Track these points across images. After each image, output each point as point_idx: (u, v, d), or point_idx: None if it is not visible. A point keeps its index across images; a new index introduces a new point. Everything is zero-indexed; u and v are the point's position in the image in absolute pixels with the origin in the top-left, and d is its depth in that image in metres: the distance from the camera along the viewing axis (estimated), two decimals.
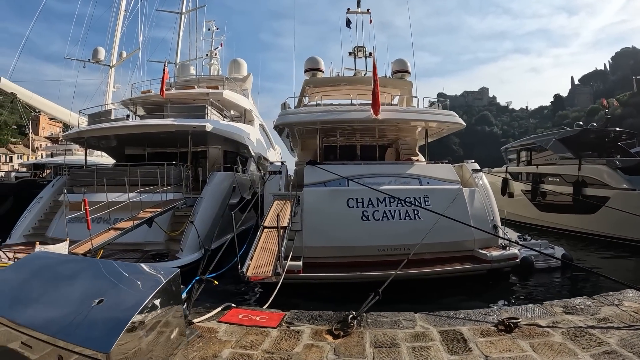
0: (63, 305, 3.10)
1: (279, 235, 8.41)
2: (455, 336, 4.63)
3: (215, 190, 14.35)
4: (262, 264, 7.31)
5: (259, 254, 7.75)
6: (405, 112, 16.00)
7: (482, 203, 11.96)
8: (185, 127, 15.10)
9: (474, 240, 11.06)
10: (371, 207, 11.24)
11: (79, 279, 3.37)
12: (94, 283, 3.34)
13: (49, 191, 16.33)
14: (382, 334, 4.77)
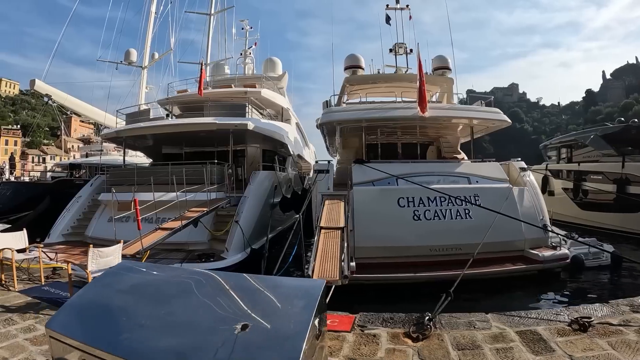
0: (189, 332, 2.28)
1: (340, 237, 8.17)
2: (534, 336, 4.60)
3: (258, 190, 13.86)
4: (327, 266, 6.96)
5: (321, 255, 7.39)
6: (451, 110, 15.30)
7: (532, 202, 11.61)
8: (226, 125, 14.63)
9: (525, 240, 10.76)
10: (422, 206, 10.94)
11: (195, 295, 2.57)
12: (223, 302, 2.48)
13: (87, 190, 16.00)
14: (461, 336, 4.71)
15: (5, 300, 6.94)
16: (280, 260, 9.04)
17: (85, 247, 13.17)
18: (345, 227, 8.92)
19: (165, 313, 2.44)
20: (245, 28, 25.33)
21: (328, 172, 12.83)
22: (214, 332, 2.27)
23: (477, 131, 16.73)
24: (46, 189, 20.08)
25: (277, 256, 15.56)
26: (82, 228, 14.75)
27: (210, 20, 34.42)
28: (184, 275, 2.97)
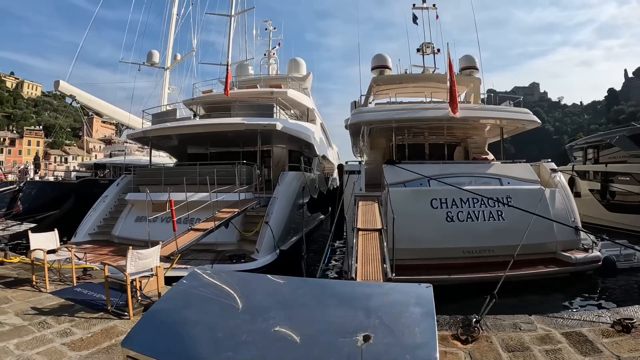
0: (304, 347, 1.94)
1: (379, 238, 8.05)
2: (580, 338, 4.62)
3: (287, 190, 13.59)
4: (369, 268, 6.74)
5: (362, 257, 7.20)
6: (482, 110, 14.97)
7: (564, 204, 11.44)
8: (255, 126, 14.38)
9: (557, 242, 10.59)
10: (455, 207, 10.79)
11: (297, 305, 2.15)
12: (333, 311, 2.11)
13: (113, 190, 15.83)
14: (508, 338, 4.72)
15: (37, 302, 6.64)
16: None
17: (112, 247, 13.08)
18: (383, 228, 8.69)
19: (268, 326, 2.02)
20: (269, 28, 25.03)
21: (359, 173, 12.59)
22: (333, 345, 1.90)
23: (506, 132, 16.40)
24: (71, 188, 19.99)
25: (307, 257, 15.26)
26: (108, 227, 14.58)
27: (231, 22, 34.41)
28: (274, 284, 2.53)
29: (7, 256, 9.72)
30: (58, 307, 6.42)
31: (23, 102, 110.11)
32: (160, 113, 17.32)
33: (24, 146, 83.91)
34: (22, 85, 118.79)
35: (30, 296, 6.95)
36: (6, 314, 6.01)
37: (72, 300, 6.76)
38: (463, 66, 18.62)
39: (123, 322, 5.85)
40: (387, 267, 6.64)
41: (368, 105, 17.45)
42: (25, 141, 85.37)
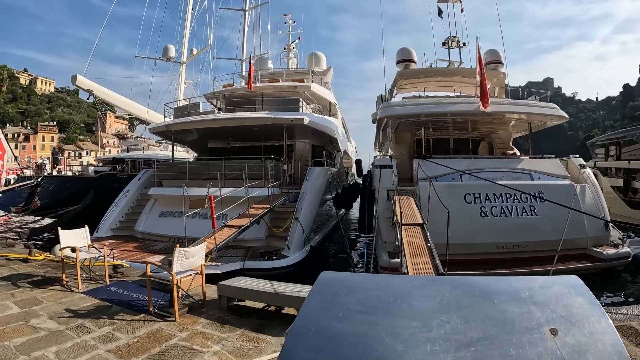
0: (492, 347, 1.64)
1: (422, 233, 7.97)
2: (632, 331, 4.62)
3: (315, 186, 13.04)
4: (419, 263, 6.54)
5: (409, 253, 7.02)
6: (511, 105, 14.50)
7: (594, 199, 11.25)
8: (282, 120, 13.87)
9: (588, 238, 10.39)
10: (488, 202, 10.58)
11: (463, 306, 1.77)
12: (502, 309, 1.84)
13: (135, 185, 15.36)
14: None
15: (71, 303, 6.13)
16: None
17: (136, 242, 12.61)
18: (425, 223, 8.54)
19: (449, 332, 1.74)
20: (288, 22, 24.43)
21: (391, 167, 12.18)
22: (526, 343, 1.69)
23: (533, 127, 16.00)
24: (90, 183, 19.55)
25: (336, 253, 14.72)
26: (130, 223, 14.13)
27: (245, 16, 34.05)
28: (413, 283, 2.11)
29: (31, 253, 9.25)
30: (94, 309, 5.90)
31: (37, 98, 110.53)
32: (182, 107, 16.84)
33: (38, 142, 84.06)
34: (36, 82, 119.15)
35: (62, 297, 6.44)
36: (39, 317, 5.49)
37: (108, 301, 6.24)
38: (488, 60, 17.75)
39: (169, 325, 5.31)
40: (437, 263, 6.46)
41: (392, 100, 16.94)
42: (40, 137, 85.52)
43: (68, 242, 7.03)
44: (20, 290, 6.68)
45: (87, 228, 7.62)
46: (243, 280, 6.24)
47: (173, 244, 12.19)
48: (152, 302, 5.79)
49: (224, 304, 5.95)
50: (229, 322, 5.46)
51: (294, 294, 5.50)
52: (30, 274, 7.84)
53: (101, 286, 7.03)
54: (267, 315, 5.72)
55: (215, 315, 5.71)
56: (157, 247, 11.92)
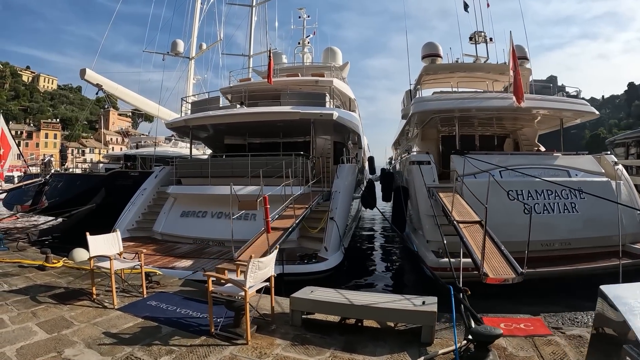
0: None
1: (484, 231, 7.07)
2: None
3: (346, 184, 12.03)
4: (494, 263, 6.11)
5: (479, 252, 6.49)
6: (545, 101, 13.73)
7: (630, 196, 11.03)
8: (310, 115, 12.83)
9: (626, 234, 9.82)
10: (531, 199, 10.21)
11: None
12: None
13: (152, 183, 14.24)
14: None
15: (108, 324, 5.02)
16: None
17: (157, 245, 11.43)
18: (483, 220, 7.73)
19: None
20: (302, 17, 23.34)
21: (429, 164, 11.44)
22: None
23: (556, 125, 15.69)
24: (101, 180, 18.33)
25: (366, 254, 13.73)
26: (147, 223, 13.05)
27: (252, 12, 33.03)
28: None
29: (48, 260, 8.04)
30: (139, 331, 4.80)
31: (39, 95, 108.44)
32: (200, 101, 15.68)
33: (41, 139, 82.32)
34: (39, 79, 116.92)
35: (96, 315, 5.34)
36: (73, 345, 4.38)
37: (153, 319, 5.15)
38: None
39: (242, 350, 4.27)
40: (513, 261, 6.11)
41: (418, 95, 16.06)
42: (43, 134, 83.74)
43: (98, 249, 5.91)
44: (43, 308, 5.56)
45: (118, 233, 6.50)
46: (315, 292, 5.27)
47: (197, 246, 11.26)
48: (213, 322, 4.70)
49: (297, 319, 5.05)
50: (309, 341, 4.55)
51: (380, 305, 4.82)
52: (50, 285, 6.71)
53: (138, 300, 5.94)
54: (348, 330, 4.90)
55: (291, 333, 4.79)
56: (181, 250, 10.83)
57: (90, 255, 5.84)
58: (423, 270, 9.72)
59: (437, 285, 8.35)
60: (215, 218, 11.71)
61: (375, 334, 4.75)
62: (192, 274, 8.12)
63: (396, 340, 4.55)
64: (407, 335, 4.67)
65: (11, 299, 5.89)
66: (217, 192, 11.61)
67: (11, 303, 5.70)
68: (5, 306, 5.58)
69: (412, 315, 4.62)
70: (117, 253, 6.21)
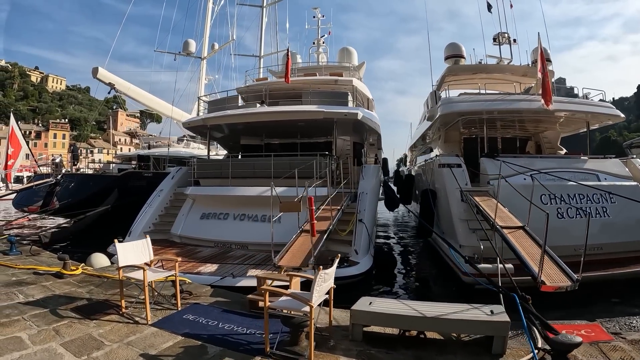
0: None
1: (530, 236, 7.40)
2: None
3: (372, 185, 11.47)
4: (547, 270, 5.90)
5: (529, 258, 6.44)
6: (572, 104, 13.37)
7: None
8: (334, 114, 12.27)
9: None
10: (564, 203, 9.91)
11: None
12: None
13: (169, 183, 13.62)
14: None
15: (145, 343, 4.36)
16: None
17: (177, 248, 10.73)
18: (526, 225, 7.91)
19: None
20: (317, 17, 22.70)
21: (461, 166, 10.99)
22: None
23: (578, 127, 15.43)
24: (114, 181, 17.73)
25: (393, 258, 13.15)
26: (164, 225, 12.44)
27: (263, 12, 32.61)
28: None
29: (66, 266, 7.34)
30: (183, 352, 4.14)
31: (48, 95, 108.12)
32: (218, 100, 15.07)
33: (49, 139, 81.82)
34: (47, 80, 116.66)
35: (128, 332, 4.68)
36: None
37: (196, 337, 4.50)
38: (536, 58, 16.68)
39: None
40: (566, 268, 5.95)
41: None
42: (51, 134, 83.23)
43: (128, 258, 5.26)
44: (66, 324, 4.90)
45: (148, 239, 5.84)
46: (374, 303, 4.78)
47: (220, 250, 10.61)
48: (268, 340, 4.10)
49: (357, 334, 4.57)
50: (376, 357, 4.14)
51: (450, 315, 4.44)
52: (71, 296, 6.06)
53: (172, 313, 5.28)
54: (412, 343, 4.52)
55: (353, 349, 4.31)
56: (203, 253, 10.19)
57: (119, 265, 5.18)
58: (456, 276, 9.28)
59: (473, 291, 8.24)
60: (237, 220, 11.09)
61: (441, 347, 4.41)
62: (219, 280, 7.56)
63: (465, 352, 4.25)
64: (474, 347, 4.36)
65: (29, 312, 5.24)
66: (240, 194, 11.03)
67: (29, 318, 5.04)
68: (23, 321, 4.92)
69: (484, 326, 4.27)
70: (146, 262, 5.55)
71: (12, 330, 4.62)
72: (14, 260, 8.37)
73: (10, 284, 6.50)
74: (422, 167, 15.96)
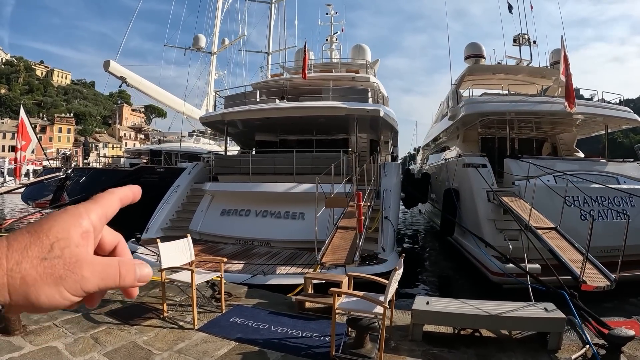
0: None
1: (565, 237, 7.39)
2: None
3: (395, 183, 11.16)
4: (585, 270, 5.89)
5: (569, 258, 6.46)
6: (594, 107, 13.20)
7: None
8: (356, 111, 11.87)
9: None
10: (587, 205, 9.80)
11: None
12: None
13: (185, 179, 13.18)
14: None
15: (197, 351, 3.95)
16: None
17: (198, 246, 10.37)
18: (558, 226, 7.85)
19: None
20: (330, 13, 22.24)
21: (486, 167, 10.70)
22: None
23: (597, 130, 15.29)
24: (126, 176, 17.27)
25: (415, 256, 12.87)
26: (182, 222, 11.99)
27: (272, 9, 32.21)
28: None
29: None
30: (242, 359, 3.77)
31: (53, 90, 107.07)
32: (236, 95, 14.62)
33: (54, 133, 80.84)
34: (52, 74, 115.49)
35: (176, 338, 4.28)
36: None
37: (250, 342, 4.12)
38: (555, 60, 16.55)
39: None
40: (603, 268, 6.00)
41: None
42: (56, 128, 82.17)
43: (170, 259, 4.85)
44: (104, 330, 4.48)
45: (189, 239, 5.42)
46: (432, 302, 4.67)
47: (242, 247, 10.22)
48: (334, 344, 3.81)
49: (417, 334, 4.47)
50: (441, 357, 4.06)
51: (510, 314, 4.41)
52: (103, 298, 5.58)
53: (217, 317, 4.88)
54: (470, 342, 4.42)
55: (416, 349, 4.21)
56: (225, 250, 9.80)
57: (162, 266, 4.77)
58: (482, 275, 9.29)
59: (501, 290, 8.36)
60: (260, 217, 10.70)
61: (499, 345, 4.39)
62: (250, 278, 7.21)
63: (523, 349, 4.25)
64: (529, 344, 4.37)
65: (59, 318, 4.77)
66: (264, 190, 10.65)
67: (62, 324, 4.60)
68: (55, 328, 4.49)
69: (541, 323, 4.36)
70: (188, 262, 5.15)
71: (45, 339, 4.19)
72: None
73: None
74: (439, 166, 15.62)
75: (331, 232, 7.64)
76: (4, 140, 73.06)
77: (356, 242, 6.86)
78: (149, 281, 0.51)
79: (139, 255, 8.90)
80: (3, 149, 69.90)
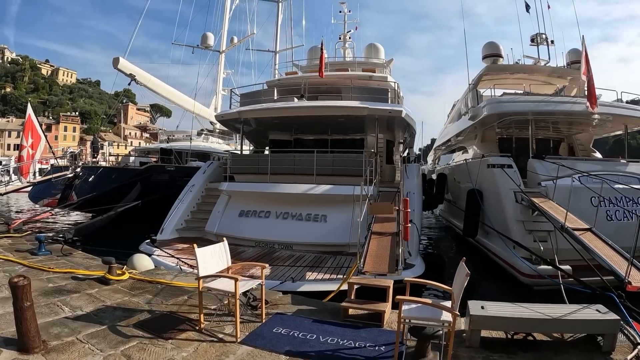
0: None
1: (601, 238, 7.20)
2: None
3: (416, 184, 10.81)
4: (633, 273, 5.65)
5: (610, 259, 6.30)
6: (616, 107, 12.84)
7: None
8: (378, 111, 11.45)
9: None
10: (612, 206, 9.79)
11: None
12: None
13: (200, 178, 12.76)
14: None
15: None
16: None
17: None
18: (593, 227, 7.66)
19: None
20: (344, 11, 21.81)
21: (512, 167, 10.38)
22: None
23: (616, 130, 15.11)
24: (136, 175, 16.82)
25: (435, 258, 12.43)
26: (197, 222, 11.58)
27: (279, 8, 31.92)
28: None
29: (112, 271, 6.37)
30: None
31: (59, 88, 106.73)
32: (253, 93, 14.16)
33: (60, 132, 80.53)
34: (58, 73, 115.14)
35: (219, 354, 3.79)
36: None
37: (302, 356, 3.70)
38: (572, 60, 16.24)
39: None
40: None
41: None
42: (62, 127, 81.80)
43: (208, 267, 4.38)
44: (136, 346, 3.96)
45: (226, 243, 4.96)
46: (487, 307, 4.46)
47: (263, 250, 9.73)
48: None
49: (475, 340, 4.29)
50: None
51: (567, 316, 4.30)
52: (127, 307, 5.12)
53: (259, 327, 4.41)
54: (525, 346, 4.30)
55: (476, 356, 4.03)
56: (246, 253, 9.36)
57: (199, 274, 4.30)
58: (511, 276, 9.26)
59: (532, 291, 8.28)
60: (280, 219, 10.25)
61: (554, 348, 4.29)
62: (280, 285, 6.79)
63: (577, 351, 4.20)
64: (582, 345, 4.32)
65: (83, 331, 4.25)
66: (286, 191, 10.22)
67: (86, 339, 4.07)
68: (80, 344, 3.94)
69: (597, 325, 4.30)
70: (225, 268, 4.68)
71: (69, 357, 3.67)
72: (44, 261, 7.39)
73: (48, 293, 5.53)
74: (457, 166, 15.19)
75: (366, 237, 7.15)
76: (10, 138, 72.72)
77: (395, 249, 6.40)
78: None
79: (157, 259, 8.41)
80: (8, 148, 69.53)
